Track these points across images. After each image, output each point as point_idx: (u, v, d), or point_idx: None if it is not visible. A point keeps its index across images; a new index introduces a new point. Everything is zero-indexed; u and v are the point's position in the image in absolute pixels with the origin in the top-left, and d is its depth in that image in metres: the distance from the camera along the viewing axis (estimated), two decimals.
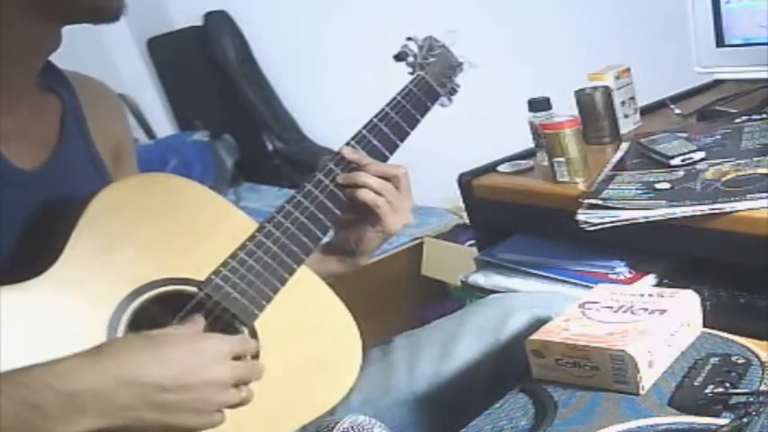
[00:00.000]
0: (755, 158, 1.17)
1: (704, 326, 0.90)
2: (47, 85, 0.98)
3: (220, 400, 0.81)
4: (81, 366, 0.75)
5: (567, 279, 1.31)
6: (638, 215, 1.12)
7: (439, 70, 1.17)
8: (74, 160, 0.97)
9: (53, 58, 0.97)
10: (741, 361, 0.81)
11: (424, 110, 1.13)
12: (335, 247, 1.10)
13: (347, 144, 1.06)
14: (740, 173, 1.14)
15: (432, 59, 1.16)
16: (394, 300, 2.35)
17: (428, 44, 1.18)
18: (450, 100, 1.20)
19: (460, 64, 1.21)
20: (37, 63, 0.94)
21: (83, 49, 0.92)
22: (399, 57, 1.17)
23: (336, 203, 1.03)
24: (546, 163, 1.35)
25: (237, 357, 0.85)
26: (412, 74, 1.15)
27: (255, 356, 0.90)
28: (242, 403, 0.84)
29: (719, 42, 1.41)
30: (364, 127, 1.08)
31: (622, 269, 1.28)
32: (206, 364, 0.80)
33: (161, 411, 0.77)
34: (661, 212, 1.11)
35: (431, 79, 1.15)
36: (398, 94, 1.12)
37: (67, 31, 0.92)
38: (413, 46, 1.17)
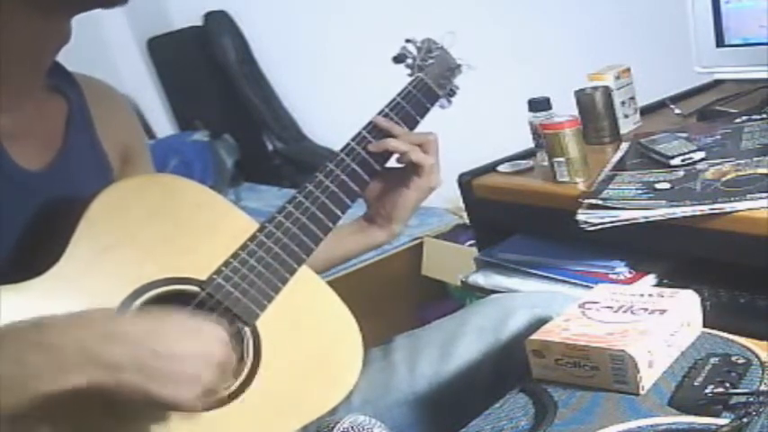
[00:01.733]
0: (755, 158, 1.17)
1: (704, 326, 0.90)
2: (53, 86, 0.97)
3: (211, 378, 0.78)
4: (66, 322, 0.74)
5: (567, 279, 1.32)
6: (638, 215, 1.12)
7: (438, 72, 1.17)
8: (79, 161, 0.97)
9: None
10: (741, 361, 0.81)
11: (424, 111, 1.14)
12: (373, 217, 1.14)
13: (348, 144, 1.07)
14: (740, 173, 1.14)
15: (430, 61, 1.17)
16: (394, 300, 2.35)
17: (426, 46, 1.18)
18: (449, 101, 1.20)
19: (459, 66, 1.21)
20: (44, 60, 0.93)
21: (83, 49, 0.92)
22: (398, 59, 1.17)
23: (358, 180, 1.05)
24: (546, 163, 1.35)
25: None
26: (411, 75, 1.16)
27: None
28: (214, 395, 0.82)
29: (719, 42, 1.41)
30: (364, 128, 1.09)
31: (622, 269, 1.28)
32: (203, 339, 0.79)
33: (146, 376, 0.74)
34: (661, 212, 1.11)
35: (430, 81, 1.15)
36: (398, 95, 1.12)
37: None
38: (411, 48, 1.18)
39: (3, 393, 0.70)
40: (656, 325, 0.84)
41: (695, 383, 0.79)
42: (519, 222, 1.46)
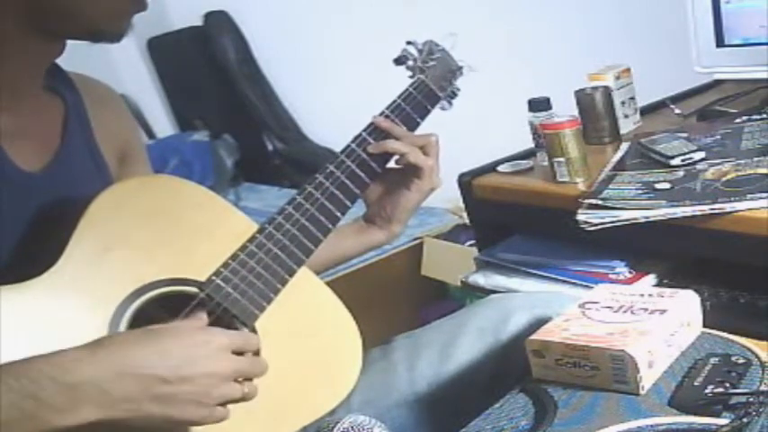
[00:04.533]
0: (755, 158, 1.17)
1: (704, 326, 0.90)
2: (50, 87, 0.98)
3: (221, 394, 0.80)
4: (81, 358, 0.75)
5: (567, 279, 1.31)
6: (638, 215, 1.12)
7: (439, 74, 1.17)
8: (76, 162, 0.97)
9: None
10: (741, 361, 0.81)
11: (424, 113, 1.14)
12: (372, 218, 1.14)
13: (348, 146, 1.07)
14: (740, 173, 1.14)
15: (431, 63, 1.17)
16: (394, 300, 2.35)
17: (428, 48, 1.18)
18: (450, 103, 1.20)
19: (460, 68, 1.21)
20: (39, 68, 0.94)
21: (83, 49, 0.93)
22: (399, 60, 1.17)
23: (358, 182, 1.05)
24: (546, 163, 1.35)
25: (239, 352, 0.84)
26: (412, 77, 1.16)
27: (257, 353, 0.89)
28: (245, 398, 0.83)
29: (719, 42, 1.41)
30: (364, 129, 1.09)
31: (622, 269, 1.28)
32: (206, 356, 0.80)
33: (162, 403, 0.76)
34: (661, 212, 1.11)
35: (431, 83, 1.15)
36: (398, 96, 1.12)
37: None
38: (412, 50, 1.18)
39: (16, 426, 0.71)
40: (656, 325, 0.84)
41: (695, 383, 0.79)
42: (519, 222, 1.46)
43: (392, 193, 1.12)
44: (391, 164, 1.10)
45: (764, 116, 1.33)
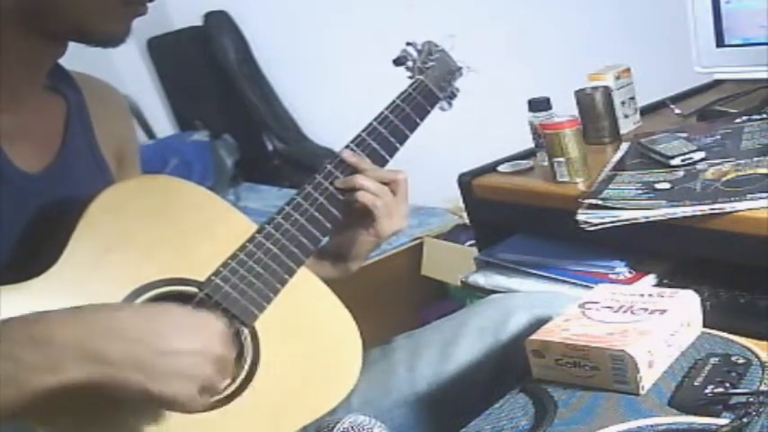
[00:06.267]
0: (755, 158, 1.17)
1: (704, 326, 0.90)
2: (52, 86, 0.98)
3: (210, 374, 0.78)
4: (63, 317, 0.74)
5: (567, 279, 1.31)
6: (639, 215, 1.12)
7: (438, 74, 1.17)
8: (77, 162, 0.97)
9: None
10: (741, 361, 0.81)
11: (424, 113, 1.14)
12: (329, 250, 1.11)
13: (347, 147, 1.07)
14: (740, 173, 1.14)
15: (431, 64, 1.17)
16: (394, 300, 2.35)
17: (427, 49, 1.18)
18: (449, 104, 1.20)
19: (460, 69, 1.21)
20: (40, 69, 0.94)
21: (83, 49, 0.93)
22: (399, 61, 1.17)
23: (335, 206, 1.03)
24: (546, 163, 1.35)
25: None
26: (411, 78, 1.15)
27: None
28: (216, 391, 0.81)
29: (719, 42, 1.41)
30: (364, 130, 1.08)
31: (622, 269, 1.28)
32: (199, 333, 0.78)
33: (143, 372, 0.74)
34: (661, 212, 1.11)
35: (430, 83, 1.15)
36: (398, 97, 1.12)
37: None
38: (412, 51, 1.18)
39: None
40: (656, 325, 0.84)
41: (695, 383, 0.79)
42: (519, 222, 1.46)
43: (349, 231, 1.08)
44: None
45: (764, 116, 1.33)
